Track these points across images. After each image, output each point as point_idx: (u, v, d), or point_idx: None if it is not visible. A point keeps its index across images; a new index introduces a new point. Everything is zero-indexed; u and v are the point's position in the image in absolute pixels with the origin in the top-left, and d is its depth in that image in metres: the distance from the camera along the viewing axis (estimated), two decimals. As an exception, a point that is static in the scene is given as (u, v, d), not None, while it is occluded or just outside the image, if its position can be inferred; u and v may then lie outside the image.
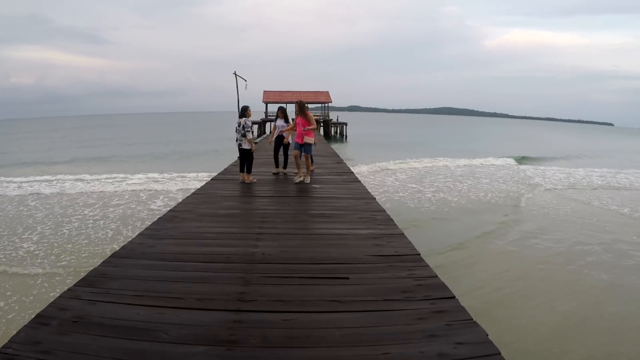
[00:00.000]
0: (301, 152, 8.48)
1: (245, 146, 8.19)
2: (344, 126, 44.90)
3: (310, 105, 51.72)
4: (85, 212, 11.44)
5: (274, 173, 9.52)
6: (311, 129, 8.47)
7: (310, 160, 8.71)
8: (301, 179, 8.43)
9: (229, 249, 4.37)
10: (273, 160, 9.84)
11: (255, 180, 8.39)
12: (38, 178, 17.07)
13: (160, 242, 4.61)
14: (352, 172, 9.70)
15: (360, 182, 8.51)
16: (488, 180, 17.88)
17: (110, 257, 4.17)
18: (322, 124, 45.84)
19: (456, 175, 19.32)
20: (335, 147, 31.94)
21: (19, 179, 16.72)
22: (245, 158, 8.27)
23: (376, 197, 7.26)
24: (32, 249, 8.32)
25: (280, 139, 9.56)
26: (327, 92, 50.57)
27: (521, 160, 27.76)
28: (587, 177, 19.97)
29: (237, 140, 8.28)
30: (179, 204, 6.62)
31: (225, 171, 9.98)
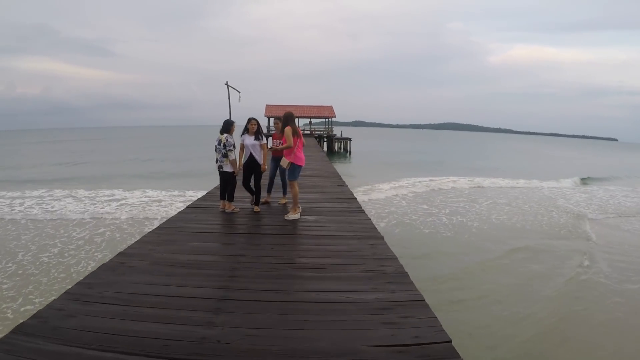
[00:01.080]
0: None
1: (227, 168, 6.84)
2: (348, 141, 43.70)
3: (314, 120, 50.88)
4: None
5: (261, 203, 7.56)
6: (283, 147, 6.84)
7: (295, 190, 6.88)
8: (291, 215, 6.72)
9: (171, 329, 2.98)
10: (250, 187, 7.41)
11: (237, 209, 7.01)
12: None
13: (84, 310, 3.27)
14: (355, 199, 8.24)
15: (364, 212, 7.08)
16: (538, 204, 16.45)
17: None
18: (325, 139, 44.71)
19: (504, 196, 17.99)
20: (338, 164, 30.87)
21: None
22: (227, 182, 6.92)
23: (385, 220, 5.86)
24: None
25: (253, 163, 7.05)
26: (331, 106, 49.60)
27: (586, 181, 26.11)
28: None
29: (217, 162, 6.93)
30: (137, 242, 5.25)
31: (208, 196, 8.61)
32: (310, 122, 48.69)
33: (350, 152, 42.51)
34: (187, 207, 7.41)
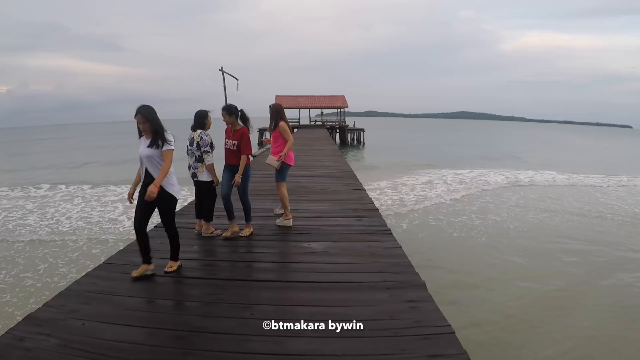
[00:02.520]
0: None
1: (203, 177, 5.00)
2: (362, 132, 41.60)
3: (326, 111, 48.74)
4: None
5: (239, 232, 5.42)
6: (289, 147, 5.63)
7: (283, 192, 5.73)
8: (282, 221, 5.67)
9: None
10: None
11: (218, 232, 5.20)
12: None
13: None
14: (377, 211, 6.30)
15: (391, 234, 5.16)
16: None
17: None
18: (337, 130, 42.69)
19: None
20: (352, 157, 28.84)
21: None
22: (204, 196, 5.11)
23: (405, 221, 3.98)
24: None
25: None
26: (343, 96, 47.45)
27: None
28: None
29: (189, 168, 5.09)
30: (54, 298, 3.49)
31: (184, 210, 6.74)
32: (321, 112, 46.69)
33: (364, 143, 40.41)
34: (155, 226, 5.61)
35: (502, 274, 7.34)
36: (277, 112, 5.67)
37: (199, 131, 4.88)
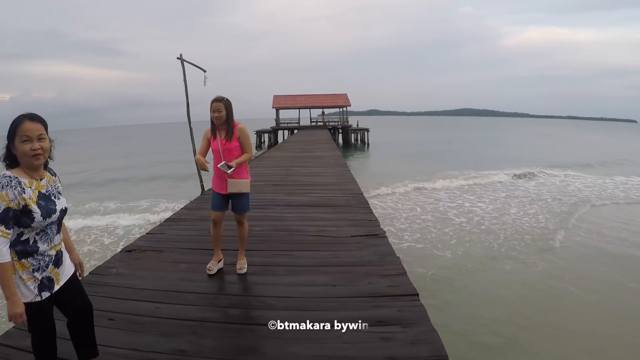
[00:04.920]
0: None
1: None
2: (365, 133, 38.83)
3: (327, 110, 45.93)
4: None
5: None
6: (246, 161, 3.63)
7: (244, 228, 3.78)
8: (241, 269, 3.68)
9: None
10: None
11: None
12: None
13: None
14: (390, 246, 3.79)
15: (417, 297, 2.98)
16: None
17: None
18: (340, 131, 39.93)
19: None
20: (356, 159, 25.96)
21: None
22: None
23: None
24: None
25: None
26: (345, 94, 44.65)
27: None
28: None
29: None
30: None
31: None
32: (322, 112, 43.89)
33: (368, 144, 37.63)
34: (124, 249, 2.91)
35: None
36: (230, 107, 3.46)
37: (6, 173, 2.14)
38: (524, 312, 5.58)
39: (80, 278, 2.24)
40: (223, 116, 3.41)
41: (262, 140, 39.70)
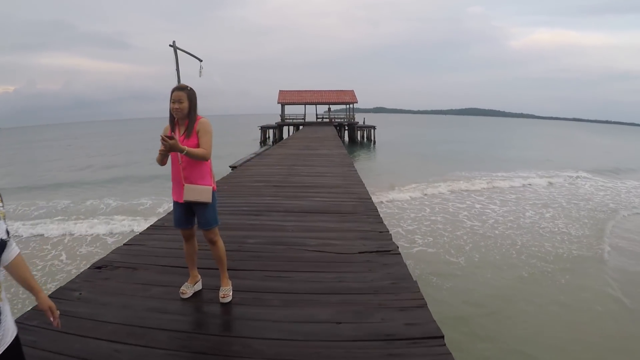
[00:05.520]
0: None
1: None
2: (372, 130, 38.08)
3: (334, 107, 45.05)
4: None
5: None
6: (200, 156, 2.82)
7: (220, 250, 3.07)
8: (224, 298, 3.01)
9: None
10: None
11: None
12: None
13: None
14: (405, 266, 3.28)
15: (442, 340, 2.38)
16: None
17: None
18: (346, 128, 39.19)
19: None
20: (363, 158, 24.87)
21: None
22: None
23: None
24: None
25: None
26: (352, 91, 43.83)
27: None
28: None
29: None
30: None
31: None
32: (329, 108, 43.08)
33: (374, 142, 36.87)
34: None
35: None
36: (193, 97, 2.87)
37: None
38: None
39: (56, 327, 1.71)
40: (185, 108, 2.79)
41: (267, 136, 39.08)
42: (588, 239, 9.11)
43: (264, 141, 37.99)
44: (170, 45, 6.66)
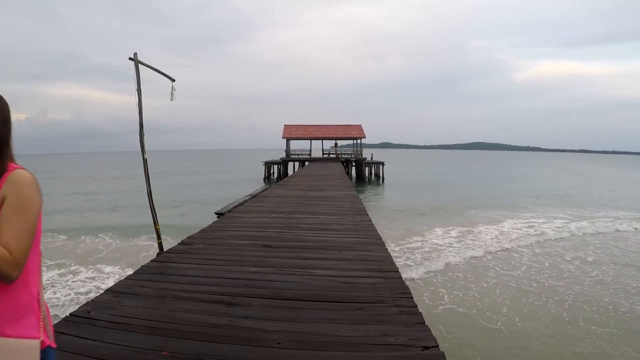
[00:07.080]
0: None
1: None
2: (380, 166, 36.39)
3: (340, 142, 43.52)
4: None
5: None
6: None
7: None
8: None
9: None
10: None
11: None
12: None
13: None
14: None
15: None
16: None
17: None
18: (353, 164, 37.53)
19: None
20: (372, 197, 22.62)
21: None
22: None
23: None
24: None
25: None
26: (360, 125, 42.57)
27: None
28: None
29: None
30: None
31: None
32: (335, 144, 41.71)
33: (383, 179, 35.06)
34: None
35: None
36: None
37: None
38: None
39: None
40: None
41: (272, 172, 37.51)
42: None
43: (267, 177, 36.38)
44: (130, 59, 4.93)
